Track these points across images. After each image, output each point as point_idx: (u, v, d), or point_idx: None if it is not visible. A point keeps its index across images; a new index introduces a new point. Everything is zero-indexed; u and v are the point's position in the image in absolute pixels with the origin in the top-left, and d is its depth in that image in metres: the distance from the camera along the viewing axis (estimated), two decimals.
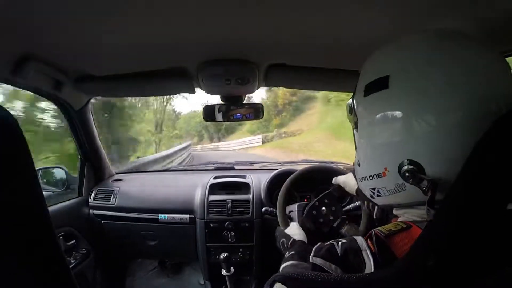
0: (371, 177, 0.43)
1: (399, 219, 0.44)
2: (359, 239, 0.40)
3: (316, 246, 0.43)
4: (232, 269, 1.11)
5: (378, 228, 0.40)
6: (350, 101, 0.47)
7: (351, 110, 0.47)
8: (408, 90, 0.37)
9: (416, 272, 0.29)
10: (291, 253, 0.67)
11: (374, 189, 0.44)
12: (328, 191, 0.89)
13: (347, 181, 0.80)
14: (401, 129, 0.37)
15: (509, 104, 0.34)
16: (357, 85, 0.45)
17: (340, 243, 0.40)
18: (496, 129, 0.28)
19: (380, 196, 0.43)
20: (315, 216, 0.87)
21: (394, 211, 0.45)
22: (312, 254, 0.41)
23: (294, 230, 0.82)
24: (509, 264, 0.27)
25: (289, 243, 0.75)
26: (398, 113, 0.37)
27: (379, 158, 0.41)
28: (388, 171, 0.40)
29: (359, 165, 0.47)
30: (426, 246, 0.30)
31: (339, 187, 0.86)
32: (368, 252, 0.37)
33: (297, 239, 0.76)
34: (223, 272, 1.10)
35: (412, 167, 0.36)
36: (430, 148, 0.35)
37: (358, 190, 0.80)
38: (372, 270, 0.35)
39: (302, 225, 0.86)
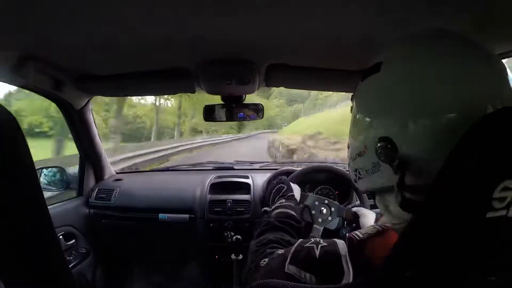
0: (354, 157, 0.44)
1: (379, 222, 0.44)
2: (341, 243, 0.40)
3: (296, 245, 0.43)
4: (240, 255, 1.13)
5: (355, 231, 0.41)
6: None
7: (352, 97, 0.48)
8: (396, 77, 0.38)
9: (394, 283, 0.28)
10: (288, 203, 0.76)
11: (356, 170, 0.45)
12: (342, 207, 0.89)
13: (367, 214, 0.82)
14: (383, 110, 0.38)
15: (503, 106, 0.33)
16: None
17: (320, 246, 0.41)
18: (476, 132, 0.27)
19: (360, 178, 0.44)
20: (313, 206, 0.88)
21: (377, 201, 0.45)
22: (287, 261, 0.41)
23: (296, 190, 0.90)
24: (490, 274, 0.27)
25: (288, 195, 0.83)
26: (383, 95, 0.38)
27: (362, 137, 0.42)
28: (367, 148, 0.40)
29: (348, 147, 0.48)
30: (403, 256, 0.29)
31: (354, 214, 0.86)
32: (348, 258, 0.37)
33: (295, 196, 0.85)
34: (232, 256, 1.13)
35: (385, 143, 0.36)
36: (407, 130, 0.35)
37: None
38: (351, 279, 0.35)
39: (302, 197, 0.92)
